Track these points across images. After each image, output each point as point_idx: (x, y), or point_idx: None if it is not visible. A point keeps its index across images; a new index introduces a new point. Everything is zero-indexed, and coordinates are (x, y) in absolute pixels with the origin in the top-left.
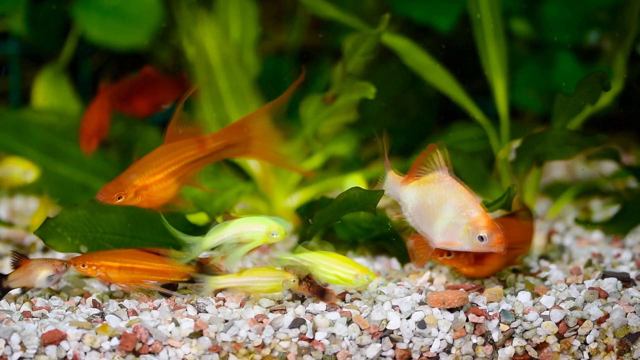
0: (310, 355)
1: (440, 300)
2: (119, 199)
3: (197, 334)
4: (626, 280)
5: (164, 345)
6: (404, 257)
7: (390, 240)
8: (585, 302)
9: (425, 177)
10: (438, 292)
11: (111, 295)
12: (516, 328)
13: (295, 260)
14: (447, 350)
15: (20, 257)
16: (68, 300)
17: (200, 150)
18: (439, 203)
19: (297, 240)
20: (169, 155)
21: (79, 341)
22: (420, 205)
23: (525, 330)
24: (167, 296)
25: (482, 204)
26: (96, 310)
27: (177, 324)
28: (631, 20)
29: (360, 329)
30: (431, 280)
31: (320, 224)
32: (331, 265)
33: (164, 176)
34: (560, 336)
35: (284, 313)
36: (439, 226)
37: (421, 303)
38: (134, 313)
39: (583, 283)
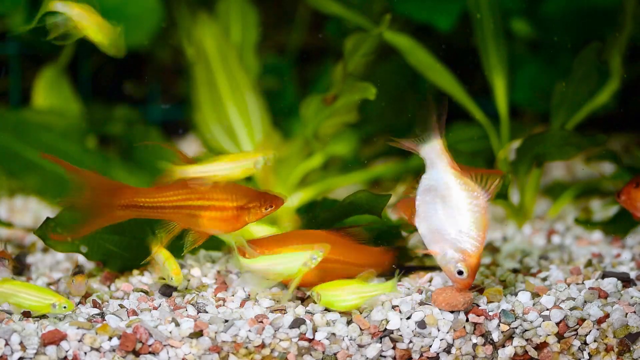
0: (310, 355)
1: (447, 302)
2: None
3: (197, 334)
4: (626, 280)
5: (164, 345)
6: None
7: (390, 240)
8: (585, 302)
9: (468, 181)
10: (445, 294)
11: (111, 296)
12: (516, 328)
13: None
14: (447, 350)
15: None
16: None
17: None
18: (458, 212)
19: None
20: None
21: (79, 341)
22: (441, 191)
23: (525, 330)
24: (168, 296)
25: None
26: (96, 310)
27: (177, 324)
28: (627, 19)
29: (360, 329)
30: (431, 280)
31: (324, 225)
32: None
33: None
34: (560, 336)
35: (284, 313)
36: (436, 225)
37: (421, 303)
38: (134, 313)
39: (583, 283)
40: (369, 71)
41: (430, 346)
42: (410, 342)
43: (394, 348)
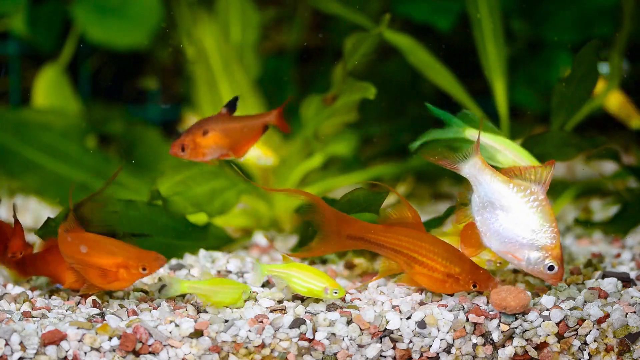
0: (310, 355)
1: (502, 306)
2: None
3: (197, 334)
4: (626, 280)
5: (164, 345)
6: None
7: None
8: (585, 302)
9: (519, 182)
10: (500, 295)
11: (111, 296)
12: (516, 328)
13: (275, 271)
14: (447, 350)
15: None
16: (68, 300)
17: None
18: (522, 215)
19: (297, 240)
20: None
21: (79, 341)
22: (498, 202)
23: (525, 330)
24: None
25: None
26: (96, 310)
27: (177, 324)
28: (625, 19)
29: (360, 329)
30: None
31: None
32: (303, 278)
33: None
34: (560, 336)
35: (284, 313)
36: (507, 235)
37: (421, 303)
38: (134, 313)
39: (583, 283)
40: (369, 71)
41: (430, 346)
42: (410, 342)
43: (394, 348)
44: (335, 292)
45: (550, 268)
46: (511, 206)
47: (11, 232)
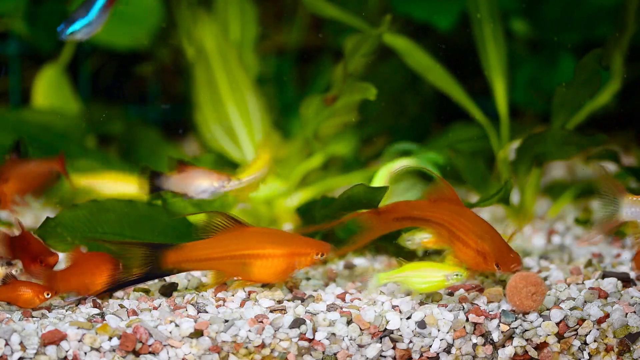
0: (310, 355)
1: (520, 304)
2: None
3: (197, 334)
4: (626, 280)
5: (164, 345)
6: (406, 257)
7: (390, 240)
8: (585, 302)
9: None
10: (519, 295)
11: (111, 296)
12: (516, 328)
13: (392, 278)
14: (447, 350)
15: (184, 164)
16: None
17: None
18: None
19: None
20: None
21: (79, 341)
22: None
23: (525, 330)
24: (168, 296)
25: None
26: (96, 310)
27: (177, 324)
28: (629, 19)
29: (360, 329)
30: None
31: (323, 222)
32: (422, 275)
33: None
34: (560, 336)
35: (284, 313)
36: None
37: (421, 303)
38: (134, 313)
39: (583, 283)
40: (368, 72)
41: (430, 346)
42: (410, 342)
43: (394, 348)
44: (457, 275)
45: None
46: None
47: (37, 243)
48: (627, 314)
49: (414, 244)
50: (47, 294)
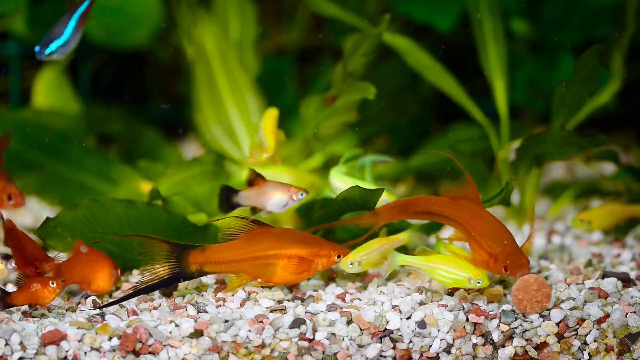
0: (310, 355)
1: (525, 305)
2: None
3: (197, 334)
4: (626, 280)
5: (164, 345)
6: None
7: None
8: (585, 302)
9: None
10: (525, 296)
11: (111, 296)
12: (516, 328)
13: (415, 263)
14: (447, 350)
15: (256, 176)
16: (68, 300)
17: None
18: None
19: None
20: None
21: (79, 341)
22: None
23: (525, 330)
24: (168, 296)
25: None
26: (96, 310)
27: (177, 324)
28: (629, 19)
29: (360, 329)
30: (430, 280)
31: (321, 224)
32: (447, 269)
33: None
34: (560, 336)
35: (284, 313)
36: None
37: (421, 303)
38: (134, 313)
39: (583, 283)
40: (368, 71)
41: (430, 346)
42: (410, 342)
43: (394, 348)
44: (479, 282)
45: None
46: None
47: (32, 246)
48: (627, 314)
49: (355, 267)
50: (52, 283)
